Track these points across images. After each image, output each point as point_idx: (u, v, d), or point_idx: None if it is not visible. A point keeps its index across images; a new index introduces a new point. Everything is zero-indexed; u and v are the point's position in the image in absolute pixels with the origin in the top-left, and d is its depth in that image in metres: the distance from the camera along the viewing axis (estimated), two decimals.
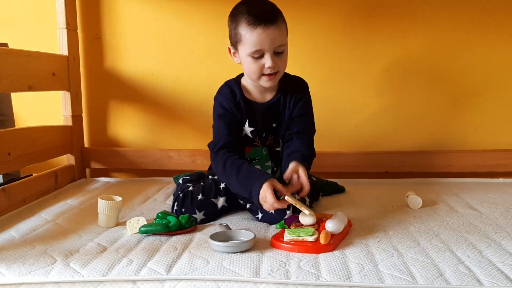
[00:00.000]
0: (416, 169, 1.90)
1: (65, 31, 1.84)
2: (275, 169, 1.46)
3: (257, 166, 1.42)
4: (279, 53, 1.30)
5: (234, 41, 1.33)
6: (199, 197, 1.39)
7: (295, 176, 1.28)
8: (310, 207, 1.43)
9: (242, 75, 1.43)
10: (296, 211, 1.29)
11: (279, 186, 1.20)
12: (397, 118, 1.95)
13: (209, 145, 1.41)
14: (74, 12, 1.90)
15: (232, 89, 1.39)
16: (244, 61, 1.32)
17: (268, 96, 1.41)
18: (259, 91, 1.40)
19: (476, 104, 1.94)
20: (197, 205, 1.37)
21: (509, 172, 1.89)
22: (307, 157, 1.36)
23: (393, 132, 1.96)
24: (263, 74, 1.31)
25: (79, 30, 1.94)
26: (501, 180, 1.84)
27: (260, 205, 1.22)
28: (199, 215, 1.36)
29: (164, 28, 1.95)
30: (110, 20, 1.95)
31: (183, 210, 1.37)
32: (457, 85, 1.93)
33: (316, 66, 1.90)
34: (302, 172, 1.27)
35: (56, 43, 1.85)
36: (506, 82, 1.92)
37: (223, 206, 1.41)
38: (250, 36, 1.26)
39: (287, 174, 1.29)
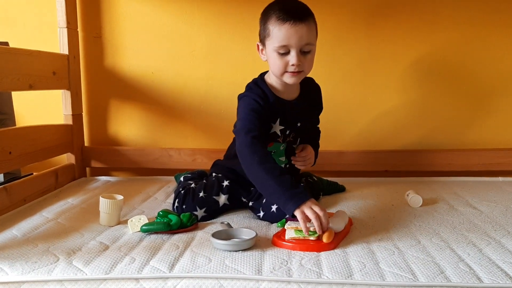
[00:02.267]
0: (416, 168, 1.91)
1: (65, 30, 1.84)
2: (287, 165, 1.47)
3: None
4: (305, 52, 1.29)
5: (263, 37, 1.33)
6: (201, 194, 1.39)
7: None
8: None
9: (264, 74, 1.43)
10: None
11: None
12: (397, 117, 1.95)
13: (237, 129, 1.32)
14: (74, 11, 1.89)
15: (262, 89, 1.37)
16: (270, 56, 1.32)
17: (293, 96, 1.42)
18: (284, 90, 1.39)
19: (477, 103, 1.94)
20: (198, 202, 1.37)
21: (509, 171, 1.90)
22: (317, 144, 1.59)
23: (393, 131, 1.96)
24: (287, 71, 1.31)
25: (79, 29, 1.94)
26: (500, 179, 1.85)
27: (295, 213, 1.15)
28: (200, 212, 1.36)
29: (164, 27, 1.94)
30: (111, 18, 1.95)
31: (184, 207, 1.37)
32: (459, 85, 1.93)
33: (317, 66, 1.90)
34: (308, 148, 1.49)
35: (56, 42, 1.85)
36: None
37: (224, 204, 1.41)
38: (277, 31, 1.27)
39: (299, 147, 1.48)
